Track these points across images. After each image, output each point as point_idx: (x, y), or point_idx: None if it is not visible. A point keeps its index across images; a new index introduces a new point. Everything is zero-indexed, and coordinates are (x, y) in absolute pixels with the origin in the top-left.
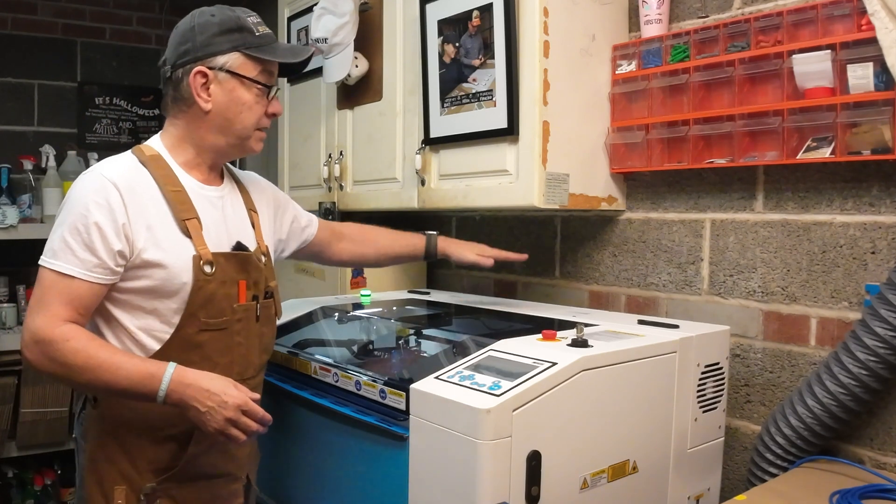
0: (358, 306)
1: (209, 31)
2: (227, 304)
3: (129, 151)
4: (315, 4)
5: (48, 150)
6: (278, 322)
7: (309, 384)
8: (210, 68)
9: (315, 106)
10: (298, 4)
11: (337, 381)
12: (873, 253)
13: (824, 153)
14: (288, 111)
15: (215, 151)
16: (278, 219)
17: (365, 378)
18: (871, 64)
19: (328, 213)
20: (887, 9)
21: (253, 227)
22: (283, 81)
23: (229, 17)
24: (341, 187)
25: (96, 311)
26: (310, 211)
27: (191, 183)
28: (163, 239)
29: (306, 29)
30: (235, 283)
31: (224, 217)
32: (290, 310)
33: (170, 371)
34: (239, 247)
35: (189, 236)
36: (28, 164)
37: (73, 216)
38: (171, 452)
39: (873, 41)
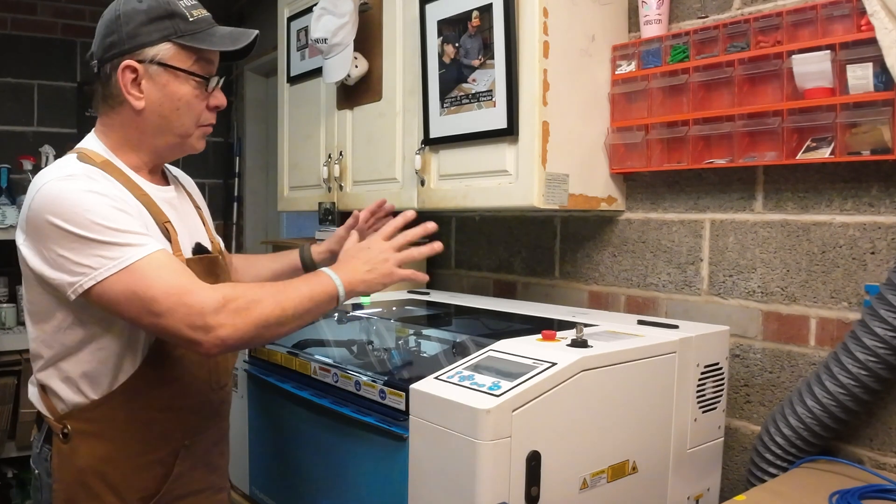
0: (358, 306)
1: (136, 21)
2: None
3: (72, 157)
4: (315, 4)
5: (48, 151)
6: None
7: (308, 384)
8: (139, 62)
9: (315, 106)
10: (298, 4)
11: (336, 382)
12: (873, 253)
13: (824, 153)
14: (288, 111)
15: (154, 153)
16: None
17: (364, 378)
18: (870, 64)
19: (328, 213)
20: (887, 9)
21: (204, 225)
22: (283, 82)
23: (158, 4)
24: (341, 187)
25: (73, 326)
26: (309, 211)
27: (148, 187)
28: None
29: (306, 29)
30: None
31: (182, 218)
32: None
33: (328, 271)
34: (200, 249)
35: (171, 241)
36: (28, 165)
37: (90, 215)
38: (157, 477)
39: (873, 41)
